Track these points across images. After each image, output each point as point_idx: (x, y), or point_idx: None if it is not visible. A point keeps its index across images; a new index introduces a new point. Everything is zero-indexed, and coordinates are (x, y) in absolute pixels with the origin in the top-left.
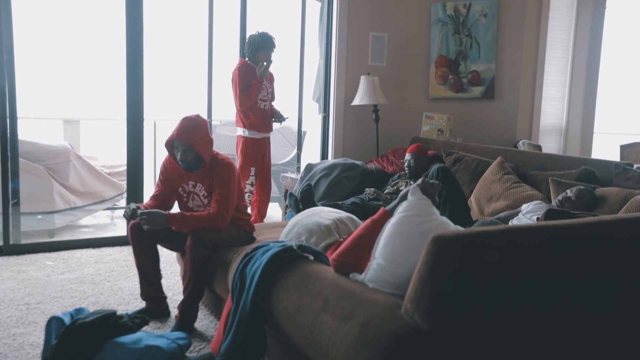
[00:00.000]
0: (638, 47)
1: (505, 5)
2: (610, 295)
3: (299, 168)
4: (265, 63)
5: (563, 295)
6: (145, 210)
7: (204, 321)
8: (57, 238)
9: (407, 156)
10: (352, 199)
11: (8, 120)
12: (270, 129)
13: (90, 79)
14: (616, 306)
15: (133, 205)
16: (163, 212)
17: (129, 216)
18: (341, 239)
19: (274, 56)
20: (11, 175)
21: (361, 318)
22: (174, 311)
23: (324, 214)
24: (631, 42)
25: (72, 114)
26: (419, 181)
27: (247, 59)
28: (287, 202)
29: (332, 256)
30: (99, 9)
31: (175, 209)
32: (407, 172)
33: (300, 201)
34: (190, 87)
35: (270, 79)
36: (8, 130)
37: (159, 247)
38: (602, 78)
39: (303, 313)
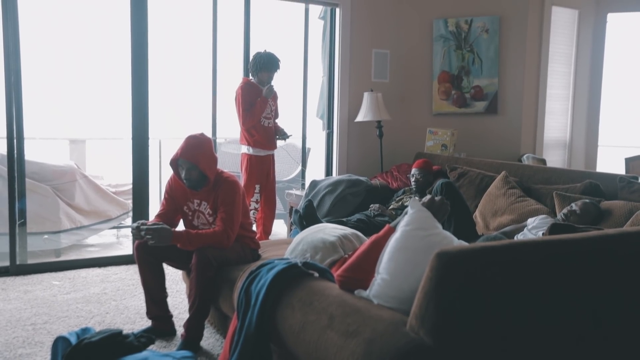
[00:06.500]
0: None
1: (507, 21)
2: (616, 310)
3: (303, 185)
4: (270, 84)
5: (568, 310)
6: (151, 226)
7: (210, 339)
8: (63, 257)
9: (414, 171)
10: (357, 216)
11: (15, 140)
12: (274, 147)
13: (95, 98)
14: (622, 320)
15: (137, 224)
16: (168, 227)
17: (135, 235)
18: (346, 256)
19: (278, 75)
20: (18, 195)
21: (367, 335)
22: (179, 330)
23: (328, 230)
24: (633, 55)
25: (78, 133)
26: (425, 198)
27: (250, 76)
28: (292, 218)
29: (337, 272)
30: (103, 29)
31: (181, 227)
32: (414, 187)
33: (303, 217)
34: (195, 106)
35: (274, 96)
36: (15, 151)
37: (165, 266)
38: (605, 91)
39: (308, 330)
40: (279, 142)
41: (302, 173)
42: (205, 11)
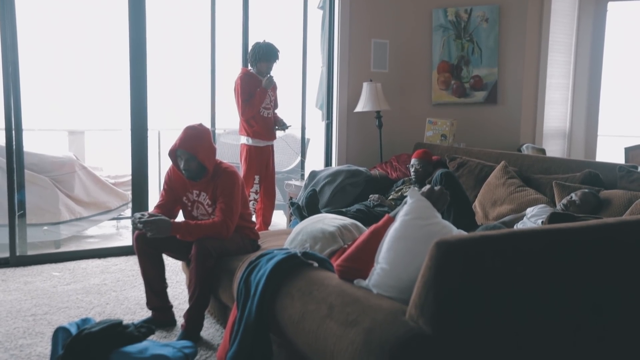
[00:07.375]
0: None
1: (507, 10)
2: (616, 299)
3: (303, 175)
4: (270, 75)
5: (568, 298)
6: (149, 218)
7: (210, 330)
8: (63, 249)
9: (414, 161)
10: (356, 206)
11: (14, 132)
12: (273, 137)
13: (94, 90)
14: (622, 310)
15: (137, 215)
16: (167, 218)
17: (135, 227)
18: (345, 246)
19: (277, 66)
20: (17, 186)
21: (366, 324)
22: (179, 320)
23: (328, 220)
24: (633, 44)
25: (77, 125)
26: (424, 188)
27: (249, 66)
28: (290, 210)
29: (336, 262)
30: (102, 20)
31: (180, 217)
32: (413, 177)
33: (305, 206)
34: (194, 97)
35: (273, 87)
36: (14, 142)
37: (165, 257)
38: (605, 80)
39: (308, 320)
40: (278, 133)
41: (302, 164)
42: (204, 1)
